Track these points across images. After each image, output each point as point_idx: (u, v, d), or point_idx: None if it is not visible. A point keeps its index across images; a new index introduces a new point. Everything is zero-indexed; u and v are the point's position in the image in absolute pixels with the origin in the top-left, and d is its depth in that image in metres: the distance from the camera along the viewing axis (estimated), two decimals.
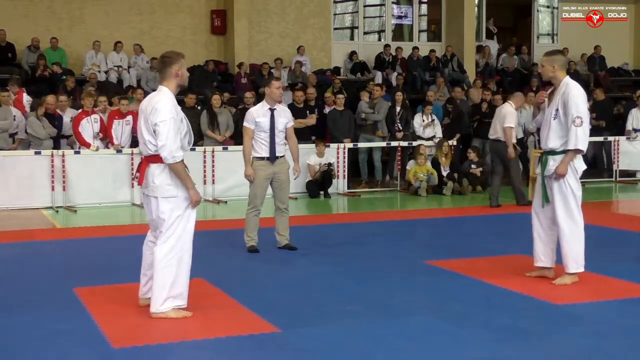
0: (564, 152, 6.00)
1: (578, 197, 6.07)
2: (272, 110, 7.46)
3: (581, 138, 5.91)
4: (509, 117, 10.28)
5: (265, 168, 7.44)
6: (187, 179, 5.12)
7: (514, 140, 10.58)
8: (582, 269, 6.10)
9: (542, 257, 6.27)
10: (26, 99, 12.34)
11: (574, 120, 5.88)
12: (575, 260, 6.06)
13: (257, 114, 7.43)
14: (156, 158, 5.08)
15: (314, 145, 12.38)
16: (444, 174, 12.51)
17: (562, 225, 6.05)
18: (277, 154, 7.46)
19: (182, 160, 5.10)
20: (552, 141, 6.04)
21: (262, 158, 7.43)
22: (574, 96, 5.93)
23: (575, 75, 18.04)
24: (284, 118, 7.52)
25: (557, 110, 5.99)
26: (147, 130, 5.07)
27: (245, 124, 7.54)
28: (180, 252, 5.13)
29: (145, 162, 5.20)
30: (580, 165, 6.09)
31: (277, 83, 7.58)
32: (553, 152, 6.06)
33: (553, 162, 6.05)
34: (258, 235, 7.58)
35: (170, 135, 4.98)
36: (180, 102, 12.95)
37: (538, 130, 6.57)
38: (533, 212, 6.32)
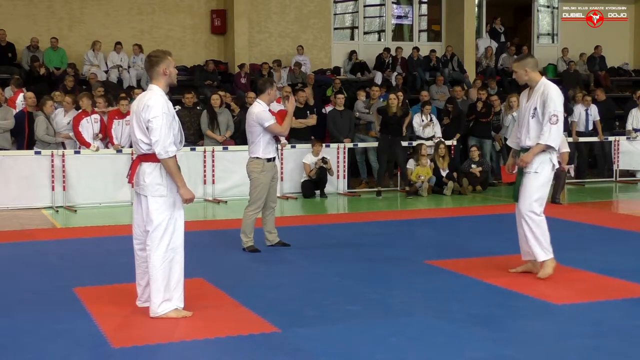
0: (542, 150, 6.13)
1: (545, 193, 6.25)
2: (270, 110, 7.60)
3: (554, 135, 6.09)
4: None
5: (271, 169, 7.52)
6: (178, 176, 5.11)
7: None
8: (551, 255, 6.21)
9: (529, 250, 6.38)
10: (21, 99, 12.31)
11: (550, 117, 6.06)
12: (540, 249, 6.20)
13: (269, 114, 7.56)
14: (148, 157, 5.09)
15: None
16: (444, 174, 12.52)
17: (524, 218, 6.20)
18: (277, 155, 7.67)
19: (175, 157, 5.12)
20: (530, 140, 6.19)
21: (270, 159, 7.47)
22: (553, 95, 6.11)
23: (575, 75, 18.10)
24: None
25: (535, 109, 6.16)
26: (139, 128, 5.09)
27: (272, 119, 7.40)
28: (172, 252, 5.12)
29: (137, 160, 5.22)
30: (556, 162, 6.26)
31: (275, 85, 7.82)
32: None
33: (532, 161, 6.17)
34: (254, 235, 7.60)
35: (164, 130, 4.99)
36: (180, 102, 13.08)
37: None
38: (516, 209, 6.41)
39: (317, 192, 12.17)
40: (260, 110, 7.42)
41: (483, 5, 19.71)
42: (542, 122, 6.09)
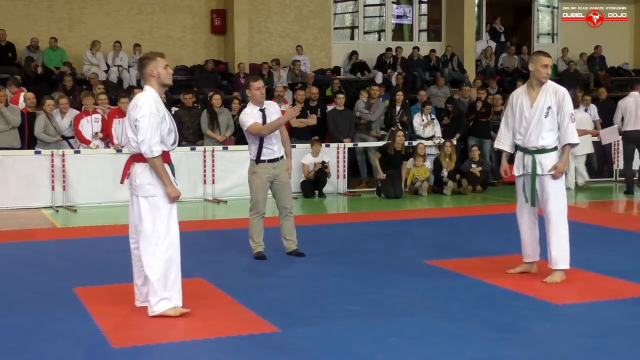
0: (555, 149, 6.12)
1: (565, 194, 6.23)
2: (262, 110, 7.16)
3: (576, 133, 6.15)
4: None
5: (266, 171, 7.17)
6: (165, 175, 5.10)
7: None
8: (568, 266, 6.18)
9: (531, 253, 6.41)
10: (22, 99, 12.31)
11: (570, 116, 6.08)
12: (564, 258, 6.15)
13: (255, 116, 7.11)
14: (140, 157, 5.10)
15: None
16: (445, 174, 12.52)
17: (554, 222, 6.13)
18: (277, 156, 7.18)
19: (167, 156, 5.13)
20: (544, 139, 6.12)
21: (263, 161, 7.15)
22: (568, 95, 6.15)
23: (575, 75, 18.11)
24: (275, 114, 7.21)
25: (549, 108, 6.08)
26: (130, 128, 5.12)
27: (251, 120, 7.06)
28: (167, 252, 5.11)
29: (130, 160, 5.24)
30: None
31: (257, 83, 7.16)
32: (543, 150, 6.13)
33: (549, 161, 6.11)
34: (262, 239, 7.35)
35: (150, 130, 5.00)
36: (179, 102, 13.02)
37: None
38: (518, 210, 6.40)
39: (316, 192, 12.18)
40: (242, 113, 7.24)
41: (483, 5, 19.71)
42: (562, 122, 6.05)
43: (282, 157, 7.26)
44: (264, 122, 7.10)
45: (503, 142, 6.41)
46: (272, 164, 7.18)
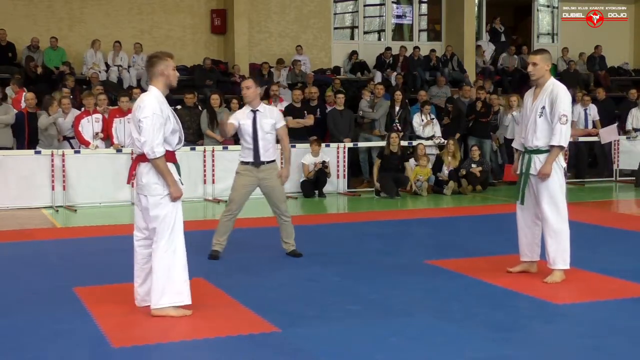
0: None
1: (564, 194, 6.18)
2: (254, 112, 7.05)
3: (565, 135, 6.03)
4: None
5: (249, 173, 7.12)
6: (168, 175, 5.12)
7: None
8: (568, 266, 6.16)
9: (528, 252, 6.39)
10: (24, 98, 12.31)
11: (560, 117, 5.99)
12: (563, 257, 6.13)
13: (242, 116, 7.10)
14: (145, 157, 5.13)
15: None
16: (445, 172, 12.51)
17: (551, 222, 6.12)
18: (262, 159, 7.07)
19: (172, 155, 5.17)
20: (538, 139, 6.12)
21: (247, 163, 7.10)
22: (562, 95, 6.05)
23: (575, 75, 18.11)
24: (271, 119, 7.10)
25: (543, 108, 6.08)
26: (135, 128, 5.16)
27: (231, 118, 7.15)
28: (172, 246, 5.15)
29: (136, 160, 5.26)
30: (562, 162, 6.21)
31: (244, 82, 7.14)
32: (538, 151, 6.13)
33: (540, 161, 6.11)
34: (227, 240, 7.30)
35: (152, 131, 5.02)
36: (180, 102, 13.02)
37: None
38: (517, 209, 6.39)
39: (316, 192, 12.18)
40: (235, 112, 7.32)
41: (483, 5, 19.71)
42: (552, 123, 6.02)
43: (271, 161, 7.17)
44: (254, 123, 7.04)
45: (517, 140, 6.49)
46: (253, 166, 7.11)
